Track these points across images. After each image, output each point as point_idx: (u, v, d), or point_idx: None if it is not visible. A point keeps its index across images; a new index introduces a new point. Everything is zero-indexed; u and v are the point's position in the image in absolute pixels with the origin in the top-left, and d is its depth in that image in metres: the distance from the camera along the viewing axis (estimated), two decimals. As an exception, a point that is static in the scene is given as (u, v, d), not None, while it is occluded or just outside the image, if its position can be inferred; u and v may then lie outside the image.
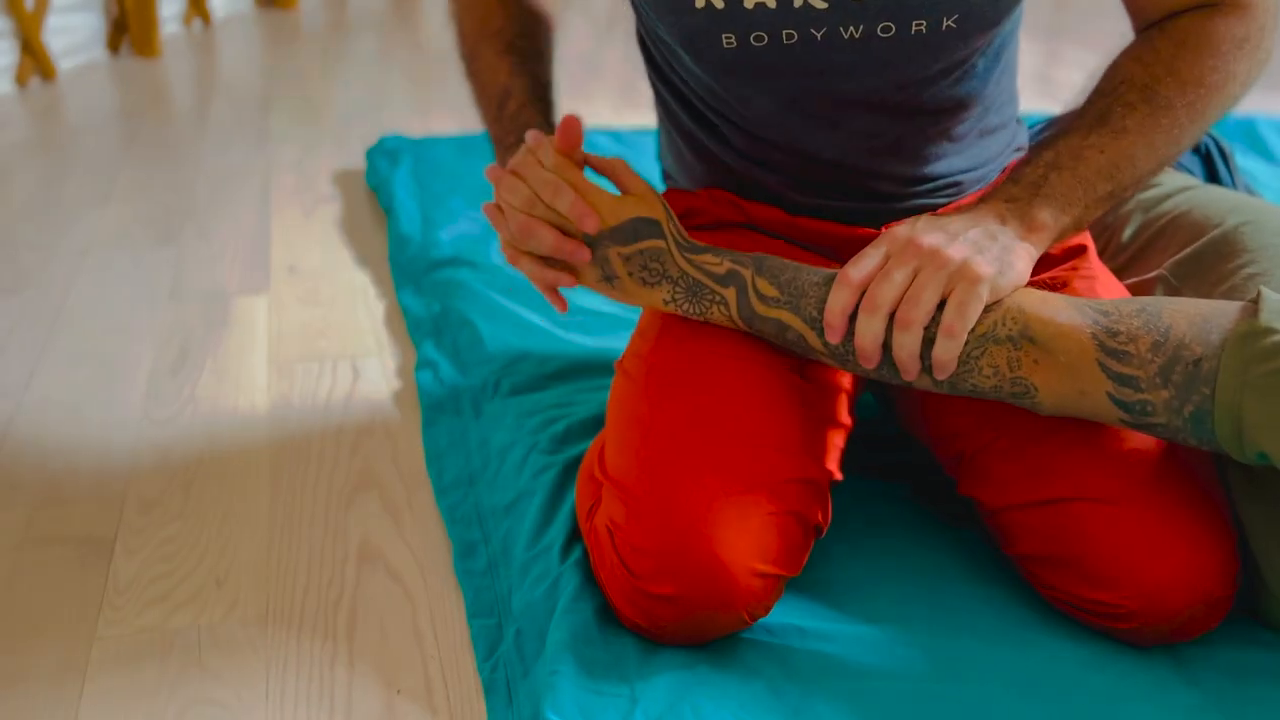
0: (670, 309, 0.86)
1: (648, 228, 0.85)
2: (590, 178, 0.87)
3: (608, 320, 1.32)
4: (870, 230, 0.93)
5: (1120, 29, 0.89)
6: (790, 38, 0.83)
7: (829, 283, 0.80)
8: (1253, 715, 0.76)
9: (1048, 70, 2.71)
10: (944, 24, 0.82)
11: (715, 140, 0.95)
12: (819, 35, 0.82)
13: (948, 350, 0.75)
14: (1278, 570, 0.79)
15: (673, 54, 0.93)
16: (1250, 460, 0.72)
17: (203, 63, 2.75)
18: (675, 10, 0.85)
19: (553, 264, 0.86)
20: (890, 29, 0.82)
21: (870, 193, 0.93)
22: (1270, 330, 0.69)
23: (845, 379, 0.89)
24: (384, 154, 1.84)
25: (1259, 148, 1.92)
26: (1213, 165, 1.17)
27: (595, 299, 1.34)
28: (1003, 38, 0.90)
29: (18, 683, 0.82)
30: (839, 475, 0.85)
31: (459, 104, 2.38)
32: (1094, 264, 0.92)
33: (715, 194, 0.96)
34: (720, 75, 0.89)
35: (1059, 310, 0.75)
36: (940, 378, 0.77)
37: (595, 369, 1.19)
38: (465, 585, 0.91)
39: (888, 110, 0.88)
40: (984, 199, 0.81)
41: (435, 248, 1.50)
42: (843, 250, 0.95)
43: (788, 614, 0.85)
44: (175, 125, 2.24)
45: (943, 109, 0.89)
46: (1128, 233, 1.05)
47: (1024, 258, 0.78)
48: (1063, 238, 0.82)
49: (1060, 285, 0.88)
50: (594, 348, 1.25)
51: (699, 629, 0.80)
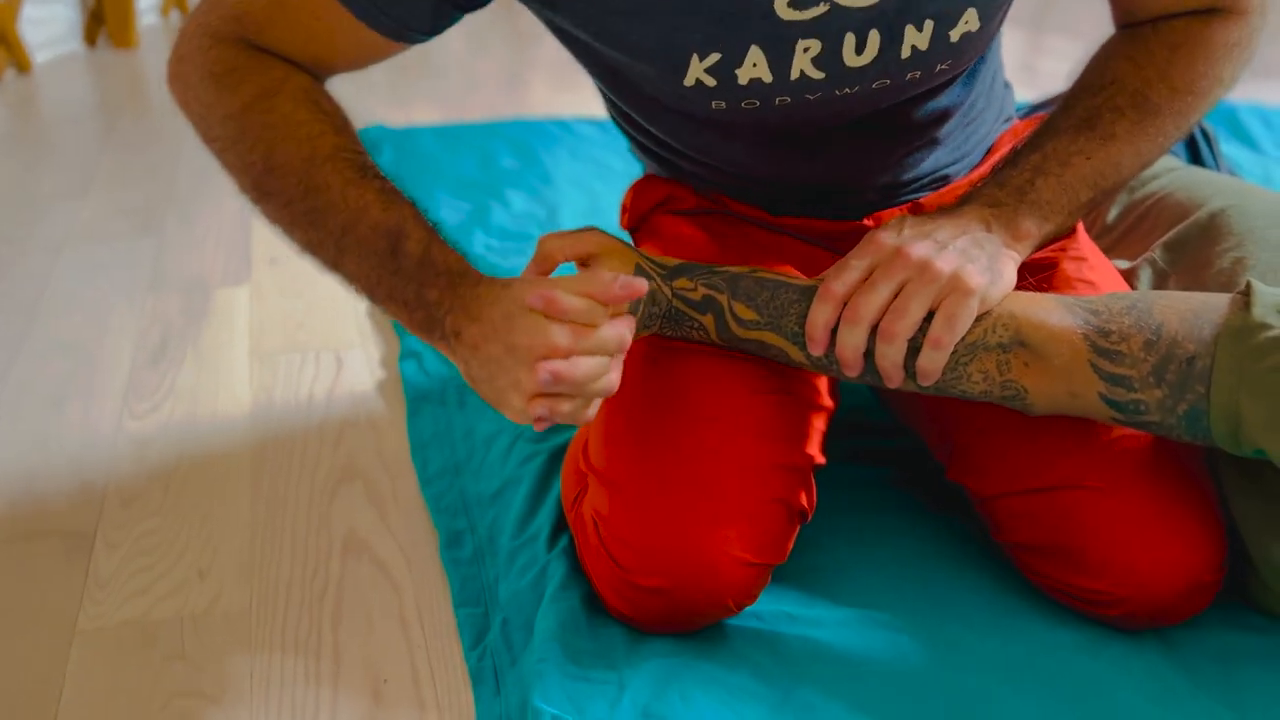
0: (651, 333, 0.84)
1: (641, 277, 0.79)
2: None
3: (593, 309, 1.31)
4: (854, 223, 0.92)
5: (1104, 18, 0.89)
6: (784, 102, 0.79)
7: (809, 296, 0.78)
8: (1243, 698, 0.76)
9: (1031, 60, 2.71)
10: (937, 68, 0.80)
11: (688, 167, 0.93)
12: (813, 98, 0.79)
13: (934, 361, 0.74)
14: (1270, 560, 0.79)
15: (641, 111, 0.88)
16: (1245, 454, 0.71)
17: (181, 54, 2.72)
18: (661, 92, 0.81)
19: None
20: (885, 83, 0.79)
21: (854, 203, 0.92)
22: (1264, 325, 0.69)
23: None
24: (365, 144, 1.83)
25: (1241, 135, 1.93)
26: (1196, 147, 1.18)
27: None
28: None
29: (-3, 677, 0.81)
30: (822, 459, 0.84)
31: (440, 94, 2.37)
32: (1083, 244, 0.91)
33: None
34: (700, 128, 0.86)
35: (1050, 312, 0.75)
36: (925, 384, 0.76)
37: (581, 358, 1.19)
38: (451, 574, 0.91)
39: (872, 134, 0.87)
40: (969, 199, 0.80)
41: (418, 238, 1.49)
42: (827, 240, 0.94)
43: (776, 600, 0.84)
44: (153, 117, 2.21)
45: (928, 120, 0.88)
46: (1112, 214, 1.05)
47: (1011, 265, 0.77)
48: (1044, 244, 0.81)
49: (1049, 267, 0.88)
50: (579, 337, 1.24)
51: (686, 619, 0.80)
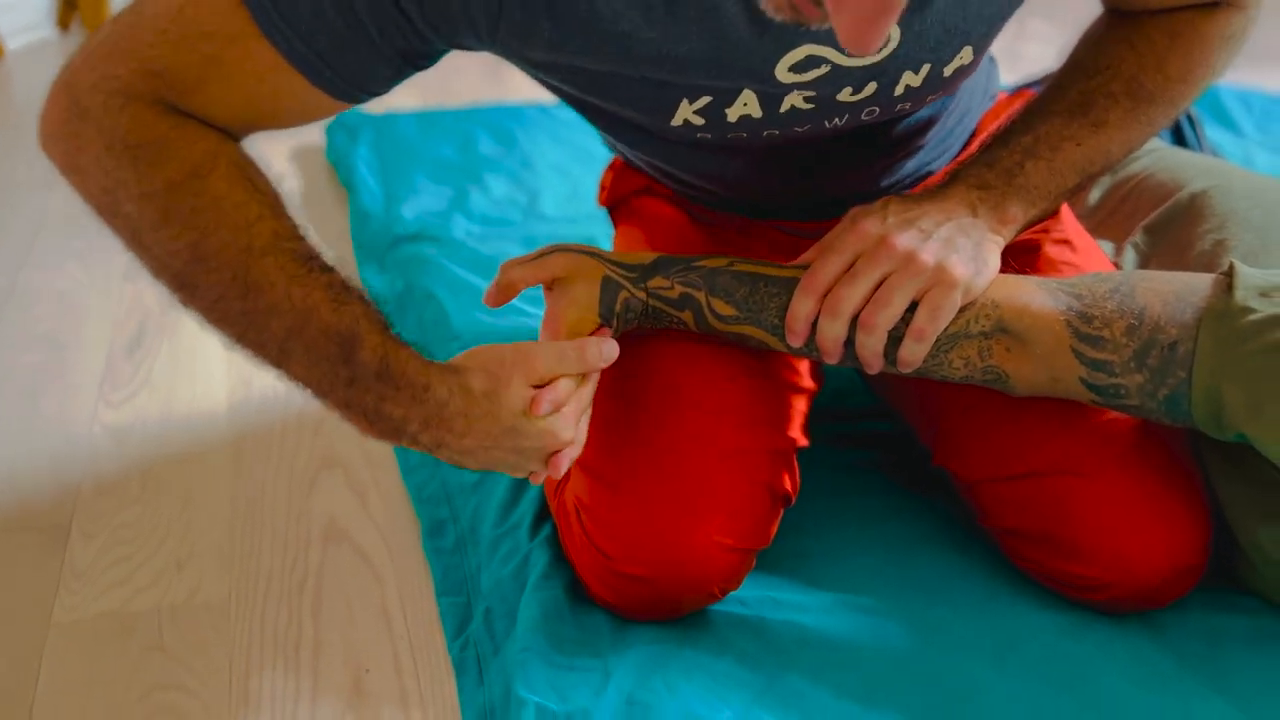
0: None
1: (609, 294, 0.79)
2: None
3: (575, 295, 1.31)
4: (835, 220, 0.90)
5: (1086, 2, 0.88)
6: (772, 135, 0.77)
7: (789, 288, 0.77)
8: (1229, 680, 0.76)
9: (1014, 45, 2.71)
10: (928, 98, 0.79)
11: (665, 181, 0.92)
12: (802, 130, 0.77)
13: (915, 352, 0.74)
14: (1256, 543, 0.79)
15: (620, 136, 0.85)
16: (1227, 438, 0.71)
17: (156, 40, 2.69)
18: (648, 129, 0.78)
19: None
20: (875, 112, 0.77)
21: (835, 209, 0.89)
22: (1246, 309, 0.68)
23: None
24: (343, 129, 1.81)
25: (1223, 118, 1.93)
26: (1180, 129, 1.17)
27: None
28: None
29: (-29, 672, 0.80)
30: (804, 441, 0.84)
31: (419, 80, 2.35)
32: (1067, 225, 0.91)
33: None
34: (681, 149, 0.83)
35: (1033, 298, 0.74)
36: (905, 372, 0.75)
37: (563, 344, 1.18)
38: (434, 563, 0.90)
39: (855, 147, 0.85)
40: (956, 178, 0.78)
41: (398, 224, 1.48)
42: (806, 233, 0.92)
43: (761, 586, 0.84)
44: (129, 104, 2.19)
45: (912, 131, 0.87)
46: (1095, 196, 1.05)
47: (995, 252, 0.76)
48: (1028, 228, 0.81)
49: (1032, 249, 0.88)
50: (561, 323, 1.23)
51: (670, 606, 0.79)
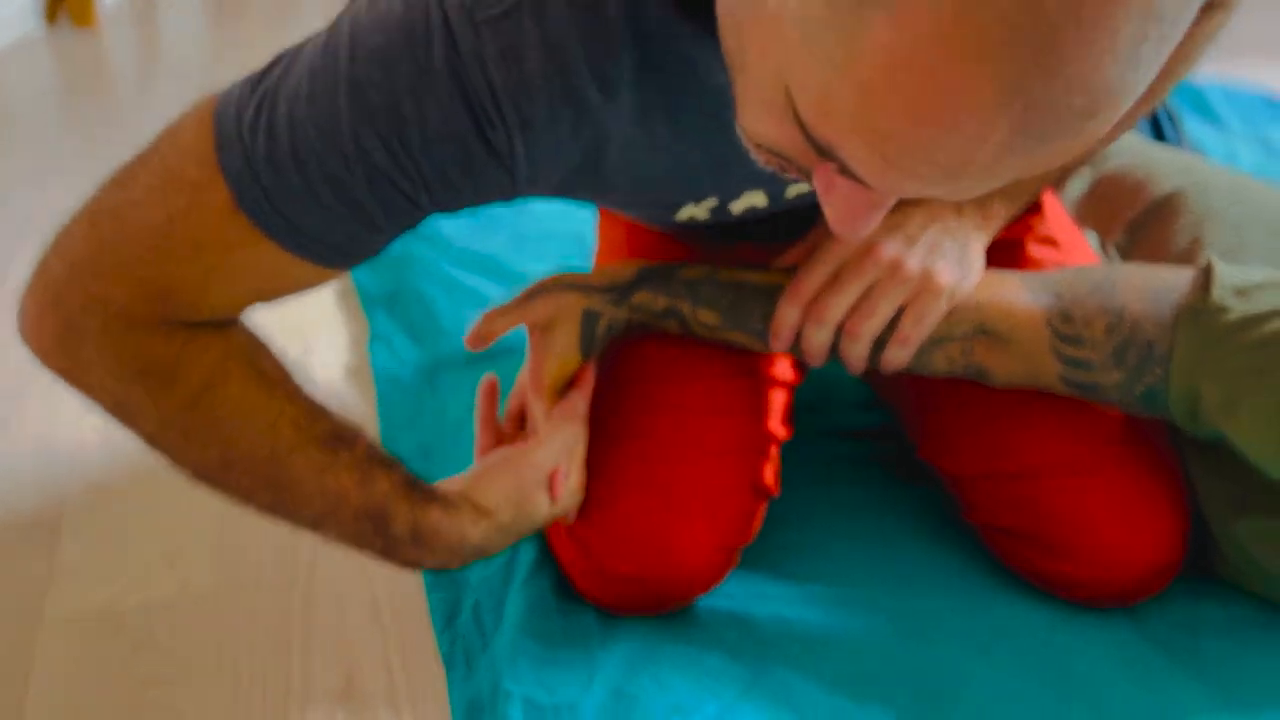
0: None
1: (590, 326, 0.79)
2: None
3: (563, 291, 1.31)
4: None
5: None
6: (772, 214, 0.77)
7: (772, 296, 0.77)
8: (1210, 669, 0.77)
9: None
10: None
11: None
12: (775, 207, 0.76)
13: (899, 357, 0.75)
14: (1233, 537, 0.80)
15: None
16: (1204, 436, 0.72)
17: (143, 34, 2.68)
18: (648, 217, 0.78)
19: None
20: None
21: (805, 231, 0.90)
22: (1223, 308, 0.69)
23: None
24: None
25: (1205, 112, 1.94)
26: (1159, 126, 1.18)
27: (549, 269, 1.32)
28: None
29: (-38, 668, 0.80)
30: (786, 433, 0.84)
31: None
32: (1051, 222, 0.91)
33: None
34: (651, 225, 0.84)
35: (1016, 297, 0.75)
36: (888, 372, 0.77)
37: (551, 340, 1.18)
38: (422, 559, 0.90)
39: None
40: None
41: (387, 220, 1.48)
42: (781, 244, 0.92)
43: (748, 579, 0.85)
44: (116, 98, 2.18)
45: None
46: (1076, 190, 1.06)
47: (980, 253, 0.77)
48: (1010, 221, 0.81)
49: (1012, 247, 0.88)
50: (550, 318, 1.24)
51: (656, 602, 0.80)
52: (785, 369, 0.87)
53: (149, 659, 0.81)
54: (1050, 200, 0.93)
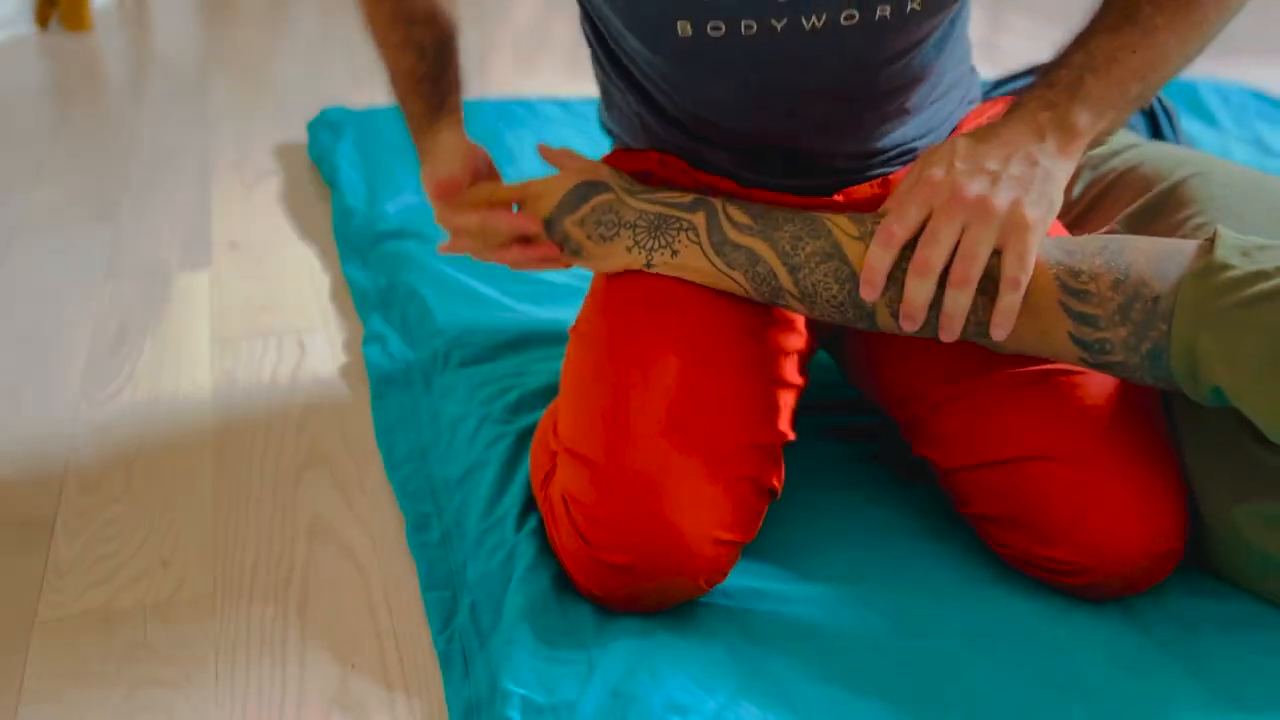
0: (635, 255, 0.84)
1: (591, 189, 0.86)
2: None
3: (559, 290, 1.31)
4: (823, 199, 0.92)
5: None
6: (749, 29, 0.78)
7: (804, 220, 0.80)
8: (1204, 664, 0.77)
9: (992, 37, 2.72)
10: (909, 7, 0.79)
11: (662, 120, 0.93)
12: (779, 26, 0.78)
13: (1012, 304, 0.73)
14: (1229, 523, 0.80)
15: (621, 37, 0.88)
16: (1204, 397, 0.72)
17: (136, 36, 2.67)
18: (623, 12, 0.82)
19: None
20: (854, 16, 0.78)
21: (823, 169, 0.91)
22: (1225, 265, 0.70)
23: (797, 340, 0.89)
24: (326, 126, 1.81)
25: (1199, 111, 1.94)
26: (1156, 122, 1.18)
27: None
28: (959, 7, 0.88)
29: (-45, 670, 0.80)
30: (792, 436, 0.84)
31: (403, 76, 2.35)
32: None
33: (666, 158, 0.94)
34: (674, 64, 0.86)
35: None
36: (999, 337, 0.75)
37: (547, 339, 1.18)
38: (419, 558, 0.90)
39: (844, 95, 0.86)
40: (1019, 104, 0.77)
41: (381, 220, 1.48)
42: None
43: (745, 577, 0.85)
44: (109, 101, 2.17)
45: (898, 86, 0.87)
46: (1076, 190, 1.06)
47: (1062, 182, 0.75)
48: (1097, 143, 0.79)
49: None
50: (545, 318, 1.24)
51: (656, 597, 0.80)
52: (794, 371, 0.87)
53: (143, 659, 0.81)
54: None
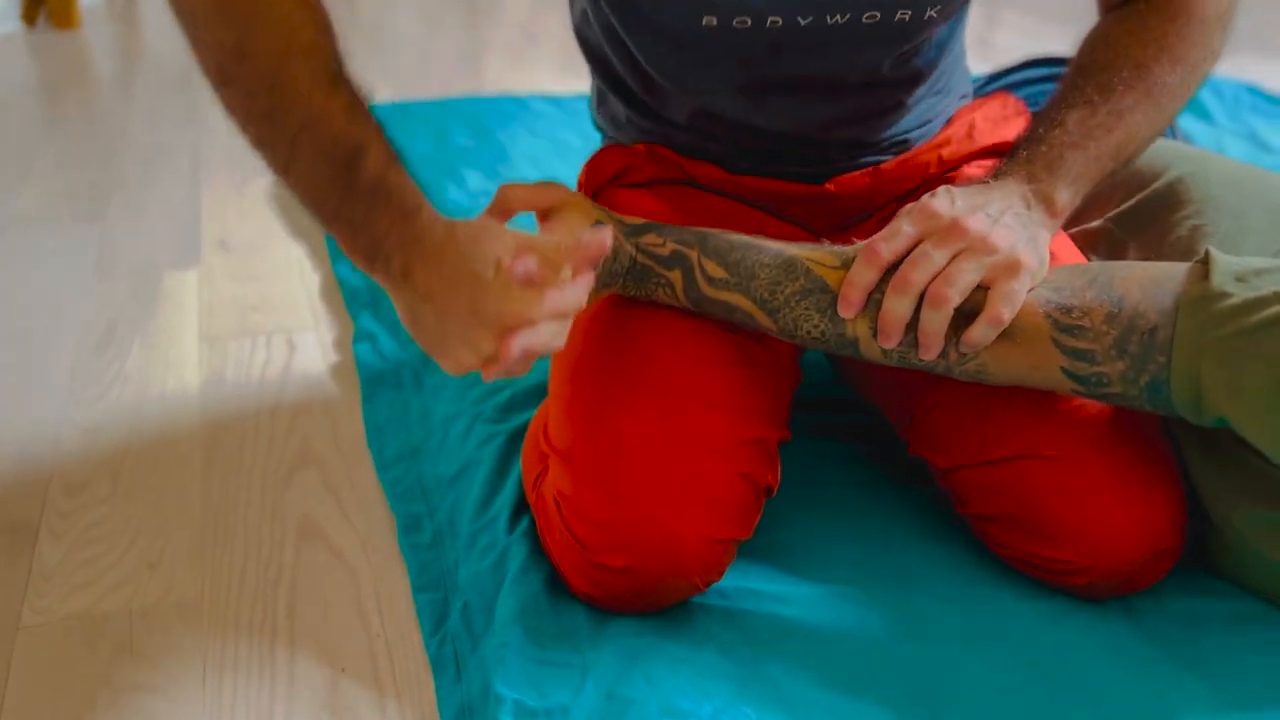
0: (611, 291, 0.84)
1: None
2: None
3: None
4: (813, 186, 0.91)
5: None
6: (775, 24, 0.79)
7: (782, 265, 0.78)
8: (1206, 664, 0.77)
9: (987, 34, 2.72)
10: (927, 13, 0.81)
11: (657, 105, 0.92)
12: (804, 22, 0.79)
13: (984, 336, 0.73)
14: (1232, 524, 0.79)
15: (636, 27, 0.87)
16: (1207, 424, 0.71)
17: (125, 33, 2.66)
18: (659, 18, 0.81)
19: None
20: (875, 16, 0.80)
21: (816, 158, 0.91)
22: (1223, 294, 0.69)
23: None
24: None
25: (1193, 106, 1.94)
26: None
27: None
28: (964, 9, 0.89)
29: (-63, 676, 0.78)
30: (787, 434, 0.84)
31: (393, 72, 2.34)
32: None
33: (654, 149, 0.94)
34: (689, 54, 0.85)
35: None
36: (964, 362, 0.74)
37: (539, 337, 1.17)
38: (410, 559, 0.89)
39: (846, 88, 0.87)
40: (1004, 173, 0.79)
41: (372, 218, 1.46)
42: (785, 207, 0.93)
43: (741, 577, 0.84)
44: (98, 99, 2.16)
45: (899, 81, 0.88)
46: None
47: (1047, 244, 0.77)
48: (1073, 218, 0.82)
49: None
50: (538, 316, 1.23)
51: (652, 598, 0.79)
52: (789, 368, 0.86)
53: (129, 664, 0.79)
54: None
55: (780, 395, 0.84)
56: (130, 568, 0.89)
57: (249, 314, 1.31)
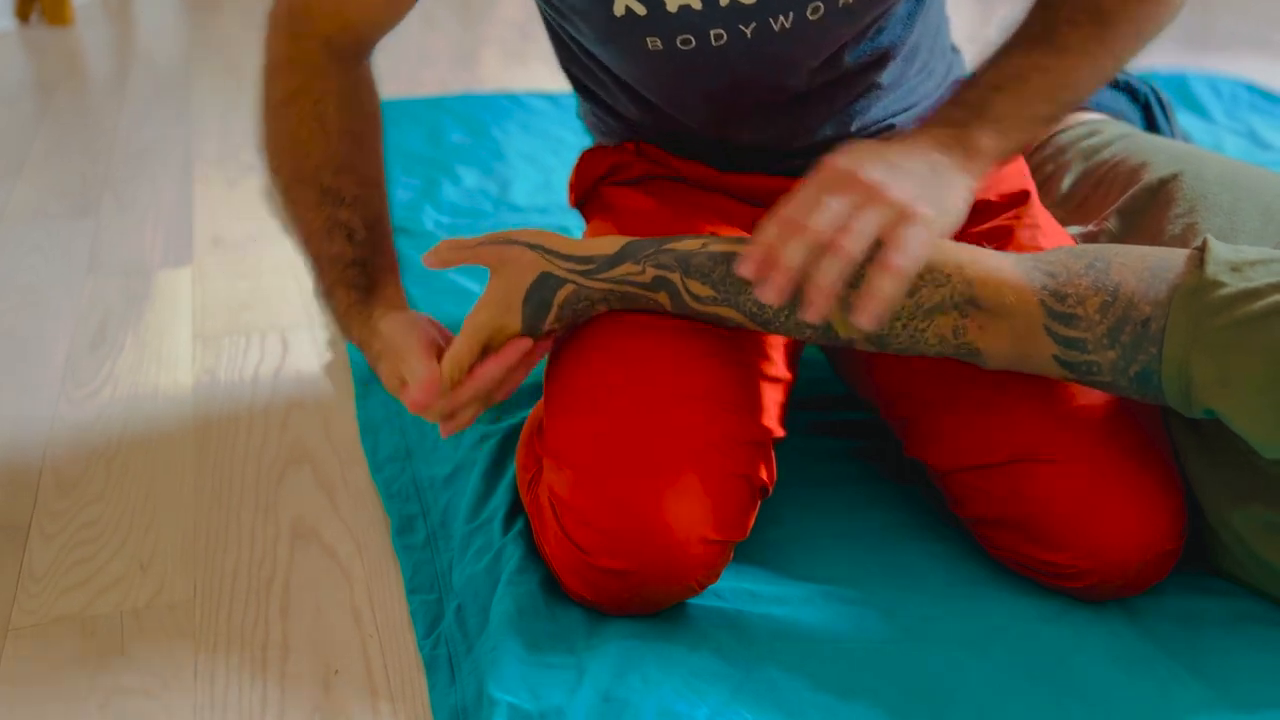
0: (585, 320, 0.83)
1: (544, 290, 0.79)
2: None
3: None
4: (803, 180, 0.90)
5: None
6: (719, 38, 0.78)
7: None
8: (1205, 663, 0.76)
9: (981, 31, 2.71)
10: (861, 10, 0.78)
11: (635, 120, 0.92)
12: (748, 31, 0.78)
13: (883, 290, 0.67)
14: (1230, 525, 0.79)
15: (593, 50, 0.87)
16: (1197, 415, 0.71)
17: (119, 30, 2.64)
18: (593, 18, 0.80)
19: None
20: (819, 9, 0.78)
21: (800, 151, 0.90)
22: (1217, 283, 0.68)
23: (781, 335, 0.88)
24: (311, 121, 1.78)
25: (1191, 104, 1.93)
26: (1151, 114, 1.17)
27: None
28: None
29: (-74, 679, 0.77)
30: (781, 432, 0.83)
31: (389, 70, 2.32)
32: (1037, 211, 0.91)
33: (644, 147, 0.93)
34: (643, 75, 0.85)
35: (1007, 273, 0.73)
36: (867, 324, 0.68)
37: (535, 336, 1.16)
38: (404, 560, 0.88)
39: (814, 86, 0.86)
40: (926, 121, 0.78)
41: (366, 216, 1.46)
42: (777, 200, 0.92)
43: (738, 578, 0.83)
44: (91, 95, 2.15)
45: (867, 64, 0.87)
46: (1067, 182, 1.04)
47: (963, 194, 0.74)
48: (1003, 161, 0.79)
49: (1003, 234, 0.87)
50: (533, 314, 1.22)
51: (648, 600, 0.78)
52: (781, 367, 0.85)
53: (120, 666, 0.79)
54: (1034, 198, 0.92)
55: (775, 395, 0.84)
56: (122, 568, 0.88)
57: (242, 312, 1.30)
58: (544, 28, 0.95)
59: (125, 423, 1.08)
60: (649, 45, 0.79)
